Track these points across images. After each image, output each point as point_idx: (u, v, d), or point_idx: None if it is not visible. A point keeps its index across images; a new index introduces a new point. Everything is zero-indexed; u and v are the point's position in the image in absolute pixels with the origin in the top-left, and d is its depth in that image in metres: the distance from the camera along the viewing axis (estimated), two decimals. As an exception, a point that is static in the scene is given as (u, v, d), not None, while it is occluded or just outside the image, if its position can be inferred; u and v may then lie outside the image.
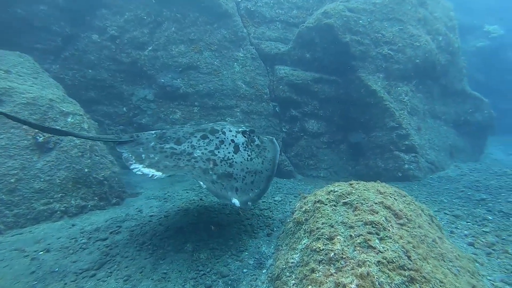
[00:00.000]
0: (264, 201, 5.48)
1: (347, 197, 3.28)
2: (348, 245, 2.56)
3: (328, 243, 2.68)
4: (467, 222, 4.94)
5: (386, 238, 2.59)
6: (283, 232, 4.03)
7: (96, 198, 5.34)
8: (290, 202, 5.61)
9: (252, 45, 7.92)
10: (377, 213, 2.89)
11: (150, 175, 3.41)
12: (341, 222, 2.88)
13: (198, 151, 3.86)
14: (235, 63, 7.64)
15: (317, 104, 7.97)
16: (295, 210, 3.87)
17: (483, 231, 4.62)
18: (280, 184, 6.76)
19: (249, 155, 4.06)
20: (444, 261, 2.95)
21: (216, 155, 3.85)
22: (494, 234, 4.50)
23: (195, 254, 3.83)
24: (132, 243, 4.12)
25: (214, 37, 7.57)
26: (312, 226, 3.07)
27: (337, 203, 3.27)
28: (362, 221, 2.80)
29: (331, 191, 3.54)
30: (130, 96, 7.37)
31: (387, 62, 7.96)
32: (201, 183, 3.37)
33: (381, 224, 2.72)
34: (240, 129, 4.31)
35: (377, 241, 2.55)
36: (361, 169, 7.88)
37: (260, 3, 8.16)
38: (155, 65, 7.39)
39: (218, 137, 4.05)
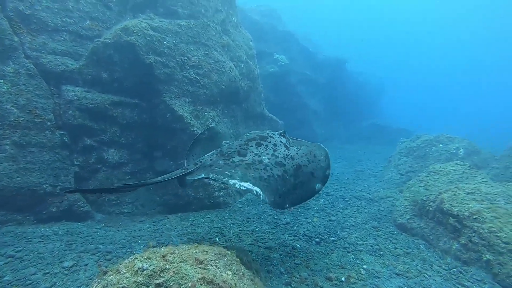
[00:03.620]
0: (48, 272, 4.09)
1: (161, 276, 2.54)
2: None
3: None
4: (280, 255, 5.07)
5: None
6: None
7: None
8: (86, 265, 4.37)
9: (28, 58, 6.20)
10: (199, 296, 2.35)
11: (255, 193, 3.50)
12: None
13: (264, 157, 4.09)
14: (1, 81, 5.79)
15: (117, 131, 6.98)
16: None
17: (295, 263, 4.81)
18: (72, 235, 5.40)
19: (296, 148, 4.52)
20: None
21: (278, 156, 4.17)
22: (305, 266, 4.75)
23: None
24: None
25: (-38, 43, 5.52)
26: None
27: (148, 287, 2.53)
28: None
29: (139, 269, 2.72)
30: None
31: (193, 87, 7.78)
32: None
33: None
34: (277, 132, 4.74)
35: None
36: (170, 199, 7.37)
37: (38, 6, 6.47)
38: None
39: (270, 141, 4.39)
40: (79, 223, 6.10)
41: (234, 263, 3.34)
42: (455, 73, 69.85)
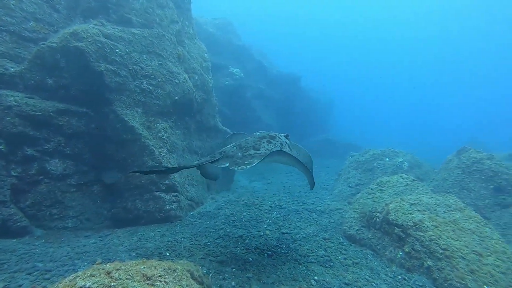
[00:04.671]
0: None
1: (106, 297, 2.40)
2: None
3: None
4: (232, 269, 4.99)
5: None
6: None
7: None
8: (20, 287, 3.99)
9: (-40, 58, 5.73)
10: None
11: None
12: None
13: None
14: None
15: (62, 140, 6.57)
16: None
17: (247, 277, 4.75)
18: (5, 254, 4.87)
19: (296, 149, 5.75)
20: None
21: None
22: (257, 279, 4.70)
23: None
24: None
25: None
26: None
27: (92, 307, 2.33)
28: None
29: (80, 288, 2.54)
30: None
31: (146, 97, 7.61)
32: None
33: None
34: (283, 134, 5.56)
35: None
36: (118, 212, 7.06)
37: (-25, 3, 6.05)
38: None
39: (278, 141, 5.17)
40: (15, 240, 5.61)
41: (184, 278, 3.25)
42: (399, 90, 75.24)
